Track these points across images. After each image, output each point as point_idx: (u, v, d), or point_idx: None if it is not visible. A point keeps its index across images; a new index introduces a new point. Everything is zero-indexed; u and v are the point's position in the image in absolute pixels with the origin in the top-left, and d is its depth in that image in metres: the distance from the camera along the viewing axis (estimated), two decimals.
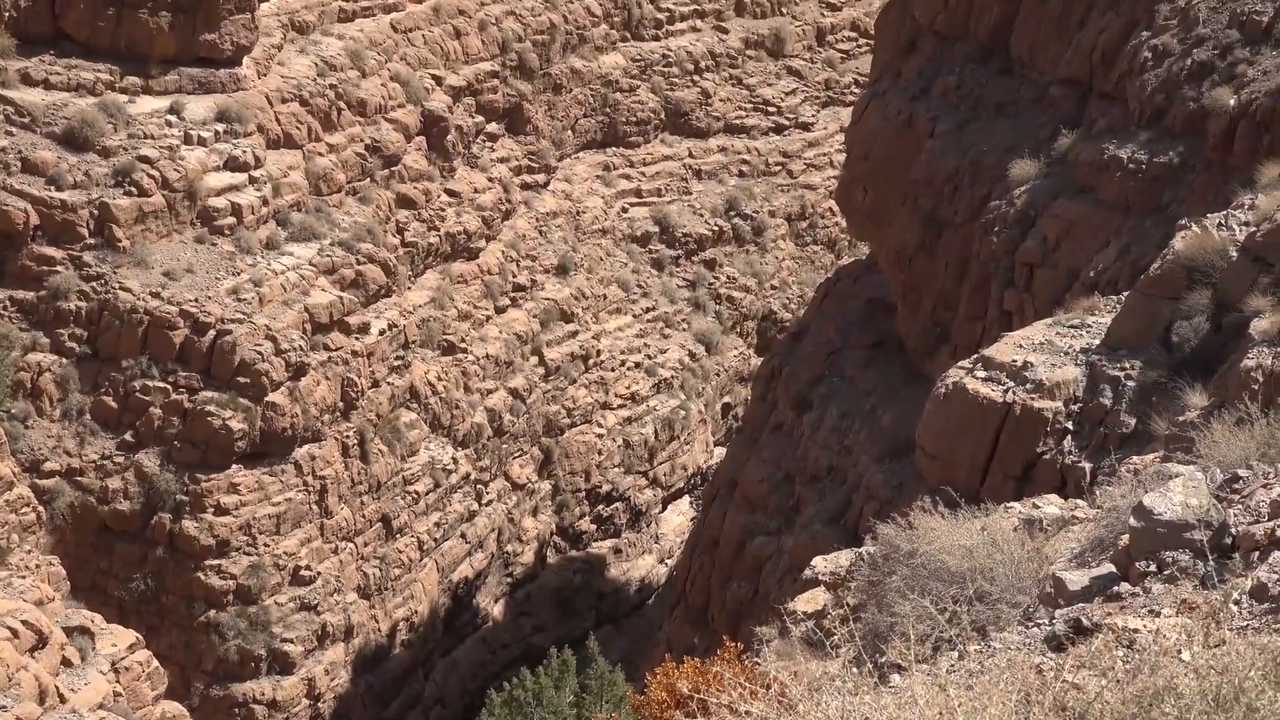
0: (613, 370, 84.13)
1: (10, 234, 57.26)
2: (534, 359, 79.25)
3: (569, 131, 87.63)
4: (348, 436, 62.60)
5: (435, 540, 69.15)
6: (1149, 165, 42.65)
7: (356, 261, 65.27)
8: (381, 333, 65.67)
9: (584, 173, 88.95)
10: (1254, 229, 29.46)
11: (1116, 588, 14.46)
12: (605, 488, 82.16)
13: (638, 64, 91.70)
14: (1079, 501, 21.90)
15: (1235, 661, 10.63)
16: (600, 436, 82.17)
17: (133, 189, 58.96)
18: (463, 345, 73.72)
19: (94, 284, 57.77)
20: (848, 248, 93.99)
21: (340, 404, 62.02)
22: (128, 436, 57.55)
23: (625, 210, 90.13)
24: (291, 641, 59.32)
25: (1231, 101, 40.08)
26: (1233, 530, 14.52)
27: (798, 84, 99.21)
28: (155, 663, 47.39)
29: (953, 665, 13.76)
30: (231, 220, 61.31)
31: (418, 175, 73.49)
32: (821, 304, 64.49)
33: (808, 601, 22.02)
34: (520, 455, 77.70)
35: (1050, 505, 21.33)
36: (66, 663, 40.36)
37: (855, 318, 60.94)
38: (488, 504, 74.07)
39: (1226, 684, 10.39)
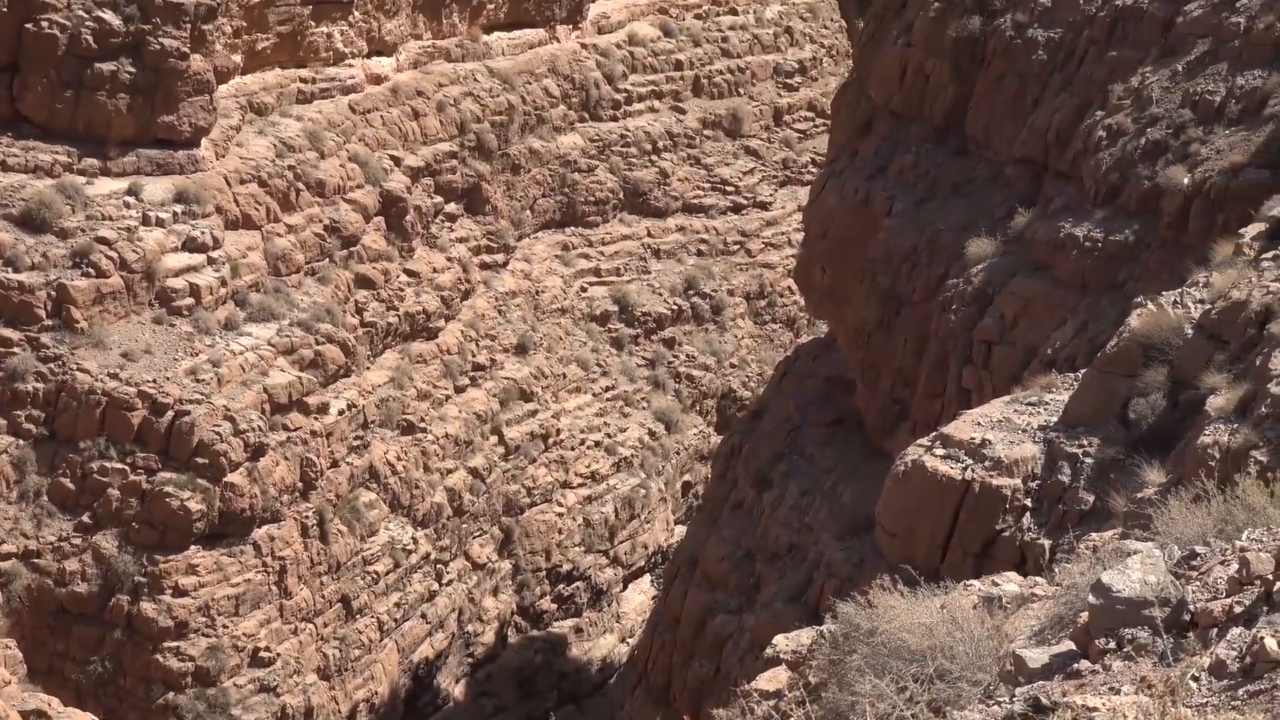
0: (573, 449, 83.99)
1: None
2: (494, 438, 79.08)
3: (528, 211, 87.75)
4: (307, 517, 62.34)
5: (395, 620, 68.80)
6: (1105, 243, 42.92)
7: (315, 342, 65.17)
8: (340, 413, 65.52)
9: (543, 252, 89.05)
10: (1209, 306, 29.59)
11: (1076, 665, 14.47)
12: (566, 567, 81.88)
13: (596, 144, 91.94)
14: (1038, 579, 21.87)
15: None
16: (560, 515, 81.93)
17: (90, 270, 58.84)
18: (422, 425, 73.55)
19: (51, 365, 57.55)
20: (806, 326, 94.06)
21: (299, 484, 61.79)
22: (85, 518, 57.19)
23: (584, 289, 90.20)
24: None
25: (1185, 180, 40.38)
26: (1191, 607, 14.56)
27: (755, 163, 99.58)
28: None
29: None
30: (190, 301, 61.18)
31: (376, 255, 73.43)
32: (780, 382, 64.54)
33: (769, 680, 21.93)
34: (480, 535, 77.42)
35: (1010, 582, 21.30)
36: None
37: (814, 395, 60.98)
38: (448, 584, 73.73)
39: None
